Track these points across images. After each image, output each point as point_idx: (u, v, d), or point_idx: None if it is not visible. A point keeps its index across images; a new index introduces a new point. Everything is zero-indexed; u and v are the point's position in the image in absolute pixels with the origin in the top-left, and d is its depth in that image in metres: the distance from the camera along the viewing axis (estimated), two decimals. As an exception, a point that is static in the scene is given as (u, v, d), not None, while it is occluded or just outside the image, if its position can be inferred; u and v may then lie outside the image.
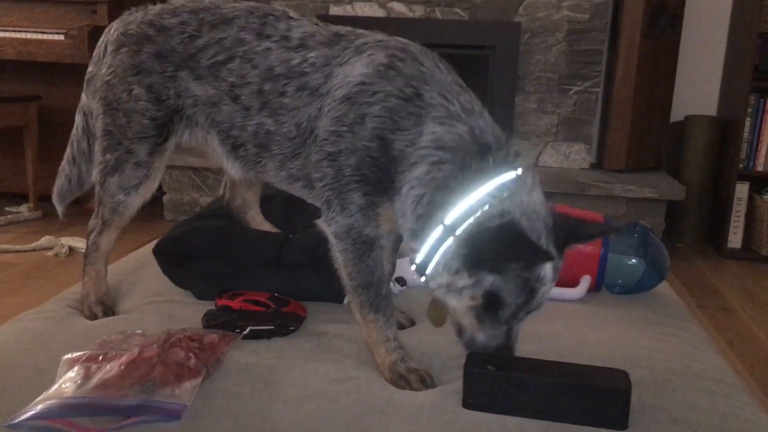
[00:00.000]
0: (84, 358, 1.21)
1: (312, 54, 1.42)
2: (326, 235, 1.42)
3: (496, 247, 1.19)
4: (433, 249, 1.26)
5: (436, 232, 1.26)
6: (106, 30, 1.62)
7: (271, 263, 1.66)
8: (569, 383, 1.17)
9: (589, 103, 4.36)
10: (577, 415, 1.15)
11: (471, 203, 1.23)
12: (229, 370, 1.29)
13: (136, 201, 1.59)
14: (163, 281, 1.71)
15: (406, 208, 1.31)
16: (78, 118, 1.71)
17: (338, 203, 1.37)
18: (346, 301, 1.64)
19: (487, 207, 1.22)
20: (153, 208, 4.48)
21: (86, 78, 1.65)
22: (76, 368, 1.18)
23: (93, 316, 1.58)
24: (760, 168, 4.31)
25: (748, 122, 4.26)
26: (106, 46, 1.59)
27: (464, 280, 1.24)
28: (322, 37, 1.44)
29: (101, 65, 1.59)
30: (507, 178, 1.25)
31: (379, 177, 1.32)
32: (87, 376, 1.15)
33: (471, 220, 1.22)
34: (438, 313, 1.39)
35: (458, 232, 1.23)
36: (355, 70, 1.35)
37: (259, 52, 1.45)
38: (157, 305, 1.60)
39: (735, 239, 4.33)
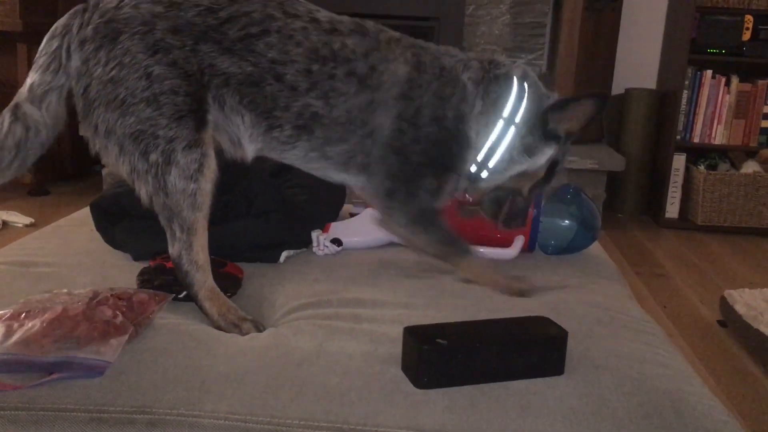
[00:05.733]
0: (6, 316, 1.18)
1: (348, 41, 1.42)
2: (388, 225, 1.56)
3: (578, 113, 1.49)
4: (496, 143, 1.50)
5: (497, 128, 1.49)
6: (56, 31, 1.36)
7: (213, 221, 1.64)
8: (519, 340, 1.18)
9: (533, 75, 4.41)
10: (523, 370, 1.15)
11: (515, 94, 1.49)
12: (160, 328, 1.27)
13: (207, 186, 1.36)
14: (97, 242, 1.67)
15: (480, 144, 1.52)
16: (12, 127, 1.35)
17: (405, 191, 1.48)
18: (282, 259, 1.65)
19: (527, 91, 1.50)
20: (91, 181, 4.39)
21: (37, 91, 1.35)
22: (-3, 326, 1.15)
23: (246, 331, 1.34)
24: (696, 139, 4.44)
25: (685, 95, 4.37)
26: (70, 47, 1.34)
27: (544, 155, 1.53)
28: (345, 25, 1.44)
29: (78, 69, 1.33)
30: (519, 71, 1.52)
31: (442, 152, 1.49)
32: (8, 334, 1.12)
33: (523, 106, 1.49)
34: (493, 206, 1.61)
35: (517, 119, 1.49)
36: (400, 69, 1.45)
37: (297, 29, 1.39)
38: (90, 266, 1.57)
39: (672, 209, 4.46)
